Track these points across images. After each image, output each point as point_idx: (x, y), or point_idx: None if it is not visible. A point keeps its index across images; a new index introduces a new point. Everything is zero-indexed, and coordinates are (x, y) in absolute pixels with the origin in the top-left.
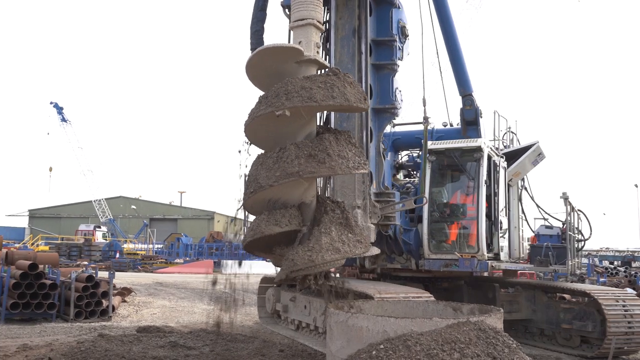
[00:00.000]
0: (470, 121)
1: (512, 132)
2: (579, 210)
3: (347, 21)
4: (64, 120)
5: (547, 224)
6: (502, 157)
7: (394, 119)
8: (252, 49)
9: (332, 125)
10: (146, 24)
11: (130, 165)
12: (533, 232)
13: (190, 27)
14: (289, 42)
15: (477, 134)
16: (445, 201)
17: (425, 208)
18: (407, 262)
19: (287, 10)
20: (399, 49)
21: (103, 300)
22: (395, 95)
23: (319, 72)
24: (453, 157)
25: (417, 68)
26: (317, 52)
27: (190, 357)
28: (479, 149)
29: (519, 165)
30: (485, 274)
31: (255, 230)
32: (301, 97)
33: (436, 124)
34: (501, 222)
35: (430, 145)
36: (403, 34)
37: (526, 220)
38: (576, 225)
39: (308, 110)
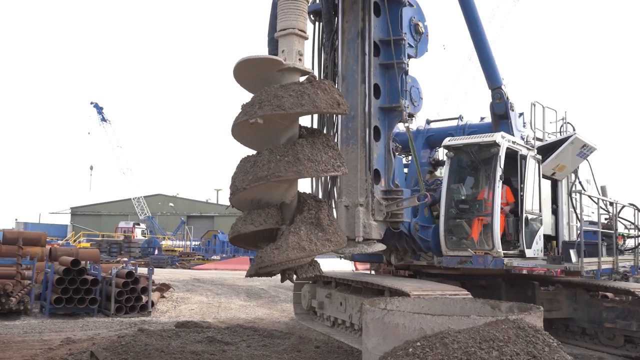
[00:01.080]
0: (501, 115)
1: (568, 123)
2: (630, 204)
3: (353, 24)
4: (103, 120)
5: (591, 219)
6: (530, 149)
7: (411, 117)
8: None
9: (340, 125)
10: (182, 25)
11: (168, 164)
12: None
13: (229, 28)
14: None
15: (508, 128)
16: (463, 197)
17: (443, 205)
18: (433, 259)
19: (310, 16)
20: (412, 46)
21: (142, 296)
22: (410, 94)
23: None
24: (470, 153)
25: (452, 64)
26: (300, 60)
27: (227, 352)
28: (494, 144)
29: (559, 158)
30: (524, 271)
31: (234, 229)
32: (272, 105)
33: (471, 119)
34: (527, 218)
35: (448, 141)
36: (417, 31)
37: (577, 215)
38: (633, 220)
39: (279, 117)
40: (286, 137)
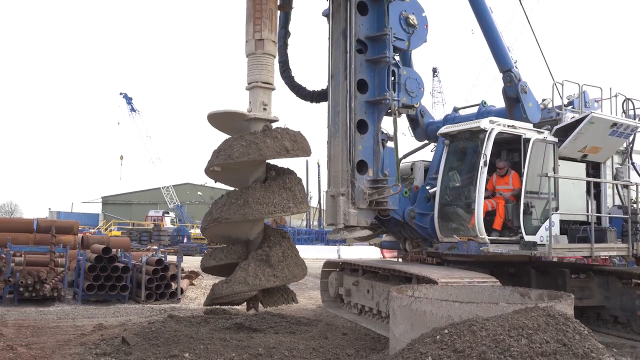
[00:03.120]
0: (514, 98)
1: (629, 100)
2: None
3: (339, 25)
4: (133, 110)
5: (619, 204)
6: (540, 132)
7: (410, 108)
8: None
9: (328, 120)
10: (208, 16)
11: (196, 153)
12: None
13: None
14: (330, 54)
15: (521, 111)
16: (457, 184)
17: (437, 192)
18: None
19: (328, 19)
20: (402, 40)
21: (172, 283)
22: (404, 86)
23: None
24: (463, 140)
25: (480, 49)
26: (265, 109)
27: (255, 339)
28: (481, 130)
29: (582, 140)
30: (555, 259)
31: (201, 262)
32: (225, 154)
33: (495, 104)
34: (528, 204)
35: (444, 129)
36: (408, 24)
37: (621, 200)
38: None
39: (232, 165)
40: (253, 179)
